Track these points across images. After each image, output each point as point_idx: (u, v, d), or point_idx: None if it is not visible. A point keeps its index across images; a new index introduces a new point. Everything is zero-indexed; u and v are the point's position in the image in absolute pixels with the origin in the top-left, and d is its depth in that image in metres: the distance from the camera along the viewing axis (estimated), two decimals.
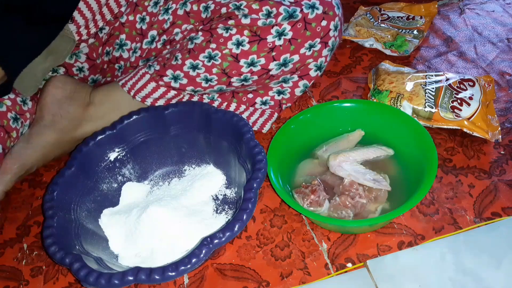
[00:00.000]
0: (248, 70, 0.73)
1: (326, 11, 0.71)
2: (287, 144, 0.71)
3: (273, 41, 0.71)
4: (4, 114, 0.74)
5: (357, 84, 0.90)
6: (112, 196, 0.72)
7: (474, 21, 1.02)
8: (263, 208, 0.71)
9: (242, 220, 0.56)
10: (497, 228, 0.62)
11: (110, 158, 0.73)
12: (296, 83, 0.78)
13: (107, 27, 0.81)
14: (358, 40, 0.99)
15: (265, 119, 0.82)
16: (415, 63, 0.93)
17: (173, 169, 0.77)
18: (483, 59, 0.92)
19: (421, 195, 0.58)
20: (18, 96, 0.77)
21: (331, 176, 0.69)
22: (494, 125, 0.75)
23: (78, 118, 0.78)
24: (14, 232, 0.75)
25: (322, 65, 0.77)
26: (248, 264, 0.64)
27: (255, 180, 0.59)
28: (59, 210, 0.63)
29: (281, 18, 0.70)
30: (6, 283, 0.68)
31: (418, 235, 0.64)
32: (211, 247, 0.54)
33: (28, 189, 0.81)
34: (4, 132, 0.73)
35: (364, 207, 0.65)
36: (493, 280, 0.57)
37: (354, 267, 0.61)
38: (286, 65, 0.73)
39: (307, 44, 0.72)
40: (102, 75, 0.87)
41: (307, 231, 0.67)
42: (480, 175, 0.70)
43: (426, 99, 0.75)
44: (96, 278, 0.53)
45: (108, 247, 0.66)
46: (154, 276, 0.53)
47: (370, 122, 0.73)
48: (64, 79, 0.79)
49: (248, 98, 0.80)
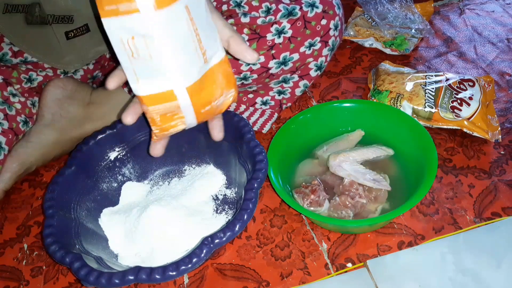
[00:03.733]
0: (248, 68, 0.73)
1: (326, 10, 0.71)
2: (287, 144, 0.71)
3: (272, 39, 0.71)
4: (14, 117, 0.75)
5: (357, 85, 0.90)
6: (112, 196, 0.72)
7: (474, 22, 1.02)
8: (263, 208, 0.71)
9: (242, 220, 0.56)
10: (497, 228, 0.63)
11: (110, 158, 0.73)
12: (297, 83, 0.78)
13: None
14: (358, 40, 0.99)
15: (265, 119, 0.82)
16: (415, 63, 0.93)
17: (173, 168, 0.77)
18: (483, 59, 0.92)
19: (421, 195, 0.58)
20: (28, 100, 0.78)
21: (331, 176, 0.69)
22: (494, 125, 0.75)
23: (78, 118, 0.78)
24: (14, 232, 0.75)
25: (323, 65, 0.77)
26: (248, 264, 0.64)
27: (255, 180, 0.59)
28: (59, 209, 0.63)
29: (280, 15, 0.70)
30: (6, 283, 0.68)
31: (418, 235, 0.64)
32: (211, 247, 0.54)
33: (28, 189, 0.81)
34: (12, 134, 0.74)
35: (364, 207, 0.65)
36: (493, 280, 0.57)
37: (354, 267, 0.61)
38: (285, 64, 0.73)
39: (307, 43, 0.72)
40: (102, 72, 0.87)
41: (307, 231, 0.67)
42: (480, 175, 0.70)
43: (426, 99, 0.75)
44: (96, 277, 0.53)
45: (108, 247, 0.66)
46: (155, 276, 0.53)
47: (370, 122, 0.73)
48: (65, 79, 0.79)
49: (249, 98, 0.80)
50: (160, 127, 0.53)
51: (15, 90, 0.76)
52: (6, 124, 0.74)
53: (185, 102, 0.50)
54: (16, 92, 0.76)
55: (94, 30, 0.77)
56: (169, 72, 0.48)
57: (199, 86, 0.50)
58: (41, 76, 0.79)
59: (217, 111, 0.55)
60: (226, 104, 0.55)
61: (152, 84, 0.49)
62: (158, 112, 0.51)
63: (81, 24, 0.76)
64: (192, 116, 0.53)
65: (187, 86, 0.49)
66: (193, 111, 0.52)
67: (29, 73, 0.78)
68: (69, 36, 0.75)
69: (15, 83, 0.77)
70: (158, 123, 0.52)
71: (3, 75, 0.75)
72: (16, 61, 0.78)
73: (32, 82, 0.79)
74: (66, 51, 0.77)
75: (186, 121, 0.53)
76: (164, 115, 0.51)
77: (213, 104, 0.53)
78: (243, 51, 0.53)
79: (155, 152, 0.58)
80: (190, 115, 0.52)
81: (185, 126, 0.54)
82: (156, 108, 0.50)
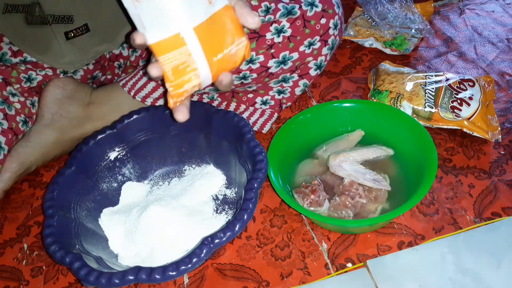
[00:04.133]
0: (247, 67, 0.73)
1: (325, 9, 0.71)
2: (287, 144, 0.71)
3: (272, 38, 0.71)
4: (13, 117, 0.75)
5: (357, 85, 0.90)
6: (112, 196, 0.72)
7: (474, 21, 1.02)
8: (263, 208, 0.71)
9: (243, 220, 0.56)
10: (497, 228, 0.63)
11: (110, 158, 0.73)
12: (296, 83, 0.78)
13: None
14: (358, 40, 0.99)
15: (265, 119, 0.82)
16: (415, 63, 0.93)
17: (173, 168, 0.77)
18: (483, 59, 0.92)
19: (421, 195, 0.58)
20: (27, 99, 0.78)
21: (331, 176, 0.69)
22: (494, 125, 0.75)
23: (78, 118, 0.78)
24: (14, 232, 0.75)
25: (322, 64, 0.77)
26: (248, 264, 0.64)
27: (256, 180, 0.59)
28: (59, 209, 0.63)
29: (280, 14, 0.70)
30: (6, 283, 0.68)
31: (418, 235, 0.64)
32: (211, 247, 0.54)
33: (28, 189, 0.81)
34: (12, 134, 0.74)
35: (364, 207, 0.65)
36: (493, 280, 0.57)
37: (354, 267, 0.61)
38: (285, 63, 0.73)
39: (306, 42, 0.72)
40: (102, 72, 0.87)
41: (307, 231, 0.67)
42: (480, 175, 0.70)
43: (426, 99, 0.75)
44: (96, 277, 0.53)
45: (108, 247, 0.66)
46: (155, 276, 0.53)
47: (370, 122, 0.73)
48: (65, 79, 0.79)
49: (248, 98, 0.80)
50: (174, 83, 0.50)
51: (14, 89, 0.76)
52: (5, 124, 0.74)
53: (195, 46, 0.49)
54: (16, 92, 0.77)
55: (94, 30, 0.77)
56: (173, 11, 0.46)
57: (207, 28, 0.49)
58: (40, 75, 0.79)
59: (231, 63, 0.53)
60: (239, 56, 0.52)
61: (158, 29, 0.48)
62: (169, 63, 0.49)
63: (81, 24, 0.76)
64: (206, 66, 0.50)
65: (194, 26, 0.48)
66: (205, 59, 0.50)
67: (28, 72, 0.78)
68: (69, 36, 0.75)
69: (14, 83, 0.77)
70: (171, 77, 0.50)
71: (2, 74, 0.75)
72: (15, 61, 0.77)
73: (31, 82, 0.79)
74: (66, 51, 0.77)
75: (200, 74, 0.51)
76: (176, 68, 0.49)
77: (225, 52, 0.51)
78: (246, 14, 0.51)
79: (180, 116, 0.54)
80: (203, 65, 0.50)
81: (200, 81, 0.51)
82: (166, 57, 0.49)
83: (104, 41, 0.79)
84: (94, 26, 0.77)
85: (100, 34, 0.78)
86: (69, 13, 0.74)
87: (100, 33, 0.78)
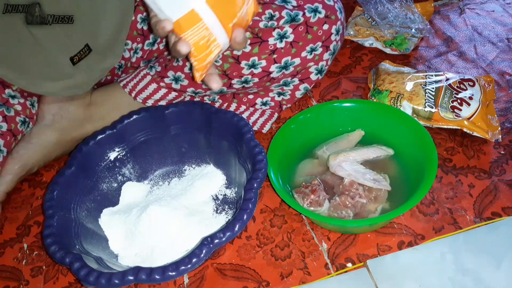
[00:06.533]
0: (249, 72, 0.73)
1: (328, 15, 0.72)
2: (287, 144, 0.71)
3: (274, 44, 0.71)
4: (13, 118, 0.75)
5: (357, 84, 0.90)
6: (112, 196, 0.72)
7: (474, 21, 1.02)
8: (263, 208, 0.71)
9: (242, 220, 0.56)
10: (497, 228, 0.62)
11: (110, 158, 0.73)
12: (297, 86, 0.78)
13: None
14: (358, 40, 0.99)
15: (265, 119, 0.82)
16: (415, 63, 0.93)
17: (173, 169, 0.77)
18: (483, 59, 0.92)
19: (421, 195, 0.58)
20: (27, 100, 0.78)
21: (331, 176, 0.69)
22: (494, 125, 0.75)
23: (78, 118, 0.78)
24: (14, 232, 0.75)
25: (323, 69, 0.77)
26: (248, 264, 0.64)
27: (255, 180, 0.59)
28: (59, 210, 0.63)
29: (283, 21, 0.70)
30: (6, 283, 0.68)
31: (418, 235, 0.64)
32: (211, 247, 0.54)
33: (28, 189, 0.81)
34: (11, 135, 0.74)
35: (364, 207, 0.65)
36: (493, 280, 0.57)
37: (354, 267, 0.61)
38: (287, 68, 0.73)
39: (308, 48, 0.72)
40: None
41: (307, 231, 0.67)
42: (480, 175, 0.70)
43: (426, 99, 0.75)
44: (96, 277, 0.53)
45: (108, 247, 0.66)
46: (155, 276, 0.53)
47: (370, 122, 0.73)
48: None
49: (249, 99, 0.80)
50: (198, 58, 0.53)
51: (13, 91, 0.76)
52: (5, 126, 0.74)
53: (210, 18, 0.51)
54: (15, 94, 0.76)
55: (95, 49, 0.74)
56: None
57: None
58: None
59: (244, 23, 0.55)
60: (250, 13, 0.55)
61: (173, 10, 0.50)
62: (190, 39, 0.51)
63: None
64: (223, 34, 0.53)
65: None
66: (222, 28, 0.52)
67: None
68: (74, 61, 0.73)
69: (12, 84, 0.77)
70: (194, 53, 0.53)
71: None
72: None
73: None
74: (73, 73, 0.74)
75: (219, 42, 0.53)
76: (197, 44, 0.52)
77: (239, 16, 0.53)
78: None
79: (215, 84, 0.56)
80: (221, 33, 0.53)
81: (221, 48, 0.54)
82: (186, 35, 0.51)
83: (106, 57, 0.76)
84: (95, 45, 0.74)
85: (102, 50, 0.75)
86: (69, 13, 0.74)
87: (102, 49, 0.75)
